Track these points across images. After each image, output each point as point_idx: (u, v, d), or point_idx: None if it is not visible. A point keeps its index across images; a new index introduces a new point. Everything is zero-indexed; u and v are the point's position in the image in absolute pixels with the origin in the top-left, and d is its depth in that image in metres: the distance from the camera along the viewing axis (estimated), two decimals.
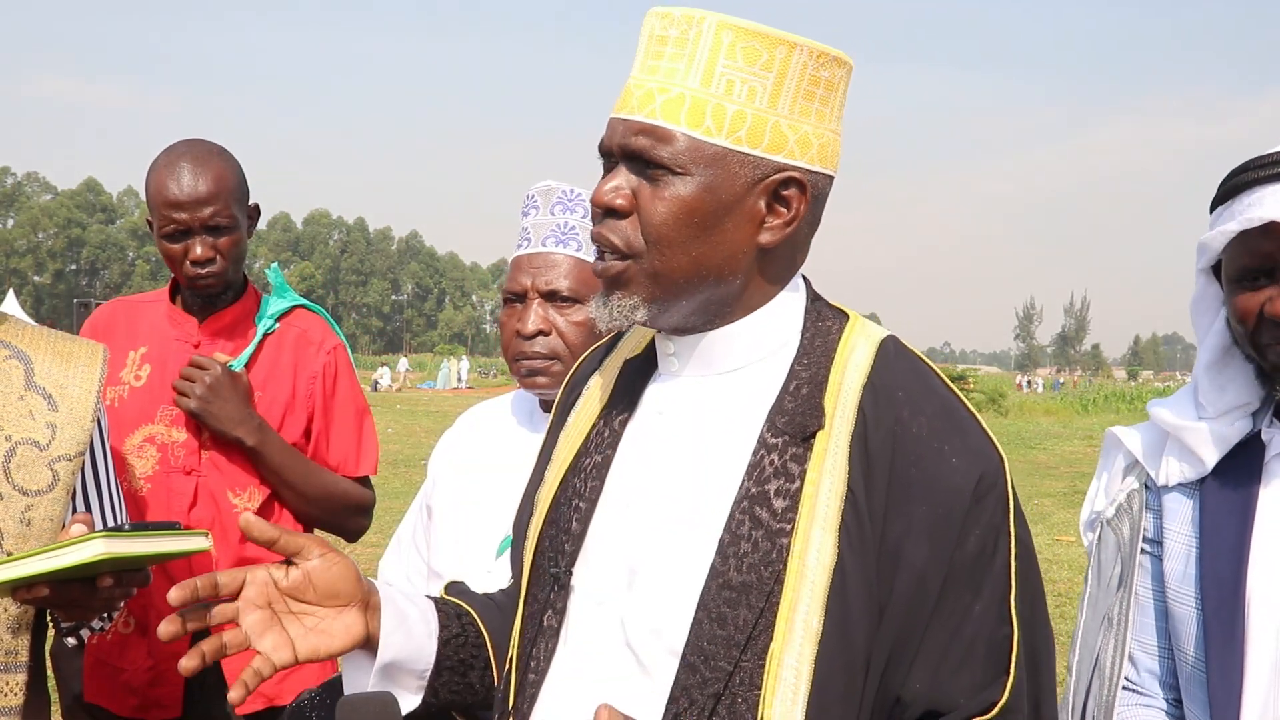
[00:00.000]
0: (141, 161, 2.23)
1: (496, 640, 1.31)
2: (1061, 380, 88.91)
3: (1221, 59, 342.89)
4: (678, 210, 1.10)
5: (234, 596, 1.16)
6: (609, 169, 1.15)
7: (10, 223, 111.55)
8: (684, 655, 1.07)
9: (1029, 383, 73.24)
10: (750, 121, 1.09)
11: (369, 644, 1.21)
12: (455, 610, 1.32)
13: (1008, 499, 1.10)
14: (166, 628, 1.10)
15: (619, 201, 1.12)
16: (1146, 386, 59.02)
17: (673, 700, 1.06)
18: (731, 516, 1.09)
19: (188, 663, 1.10)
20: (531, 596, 1.22)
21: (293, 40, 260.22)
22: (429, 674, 1.25)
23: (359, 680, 1.23)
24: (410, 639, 1.23)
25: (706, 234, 1.11)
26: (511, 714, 1.18)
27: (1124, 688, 1.55)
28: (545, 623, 1.18)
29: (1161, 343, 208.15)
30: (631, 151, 1.11)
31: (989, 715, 1.06)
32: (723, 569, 1.07)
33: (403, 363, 52.58)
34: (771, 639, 1.04)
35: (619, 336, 1.37)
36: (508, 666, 1.23)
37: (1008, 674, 1.06)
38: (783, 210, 1.13)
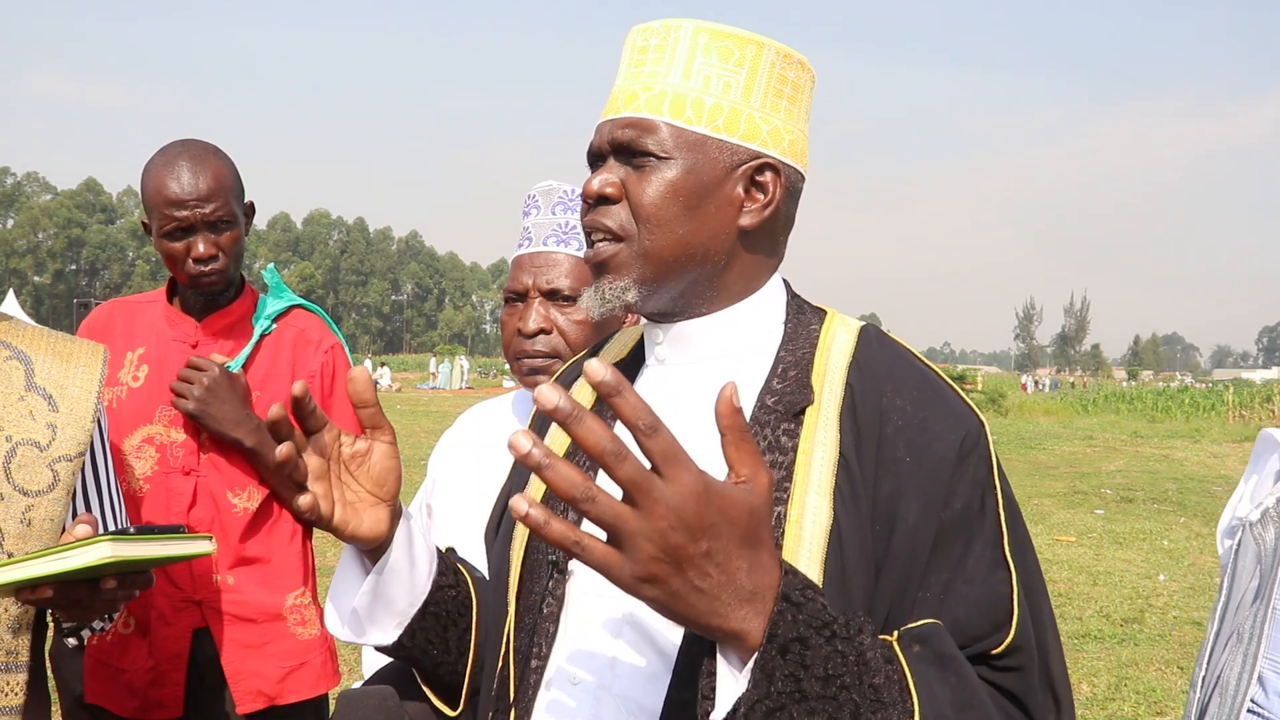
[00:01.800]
0: (141, 161, 2.23)
1: (482, 614, 1.32)
2: (1059, 380, 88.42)
3: (1223, 59, 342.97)
4: (664, 190, 1.17)
5: (310, 433, 1.17)
6: (597, 169, 1.23)
7: (10, 223, 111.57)
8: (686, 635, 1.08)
9: (1035, 383, 72.10)
10: (726, 112, 1.18)
11: (377, 552, 1.23)
12: (453, 567, 1.34)
13: (990, 457, 1.15)
14: (284, 450, 1.10)
15: (608, 189, 1.19)
16: (1147, 386, 58.94)
17: (678, 671, 1.08)
18: None
19: (285, 449, 1.10)
20: (526, 590, 1.23)
21: (293, 40, 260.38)
22: (414, 612, 1.27)
23: (350, 585, 1.25)
24: (412, 565, 1.25)
25: (691, 214, 1.17)
26: (514, 706, 1.18)
27: (1250, 710, 1.40)
28: (545, 610, 1.20)
29: (1161, 343, 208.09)
30: (619, 144, 1.19)
31: (999, 649, 1.08)
32: None
33: (433, 363, 49.64)
34: None
35: (602, 344, 1.41)
36: (501, 663, 1.23)
37: (1012, 614, 1.09)
38: (759, 195, 1.21)
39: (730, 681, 0.93)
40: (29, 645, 1.65)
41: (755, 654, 0.90)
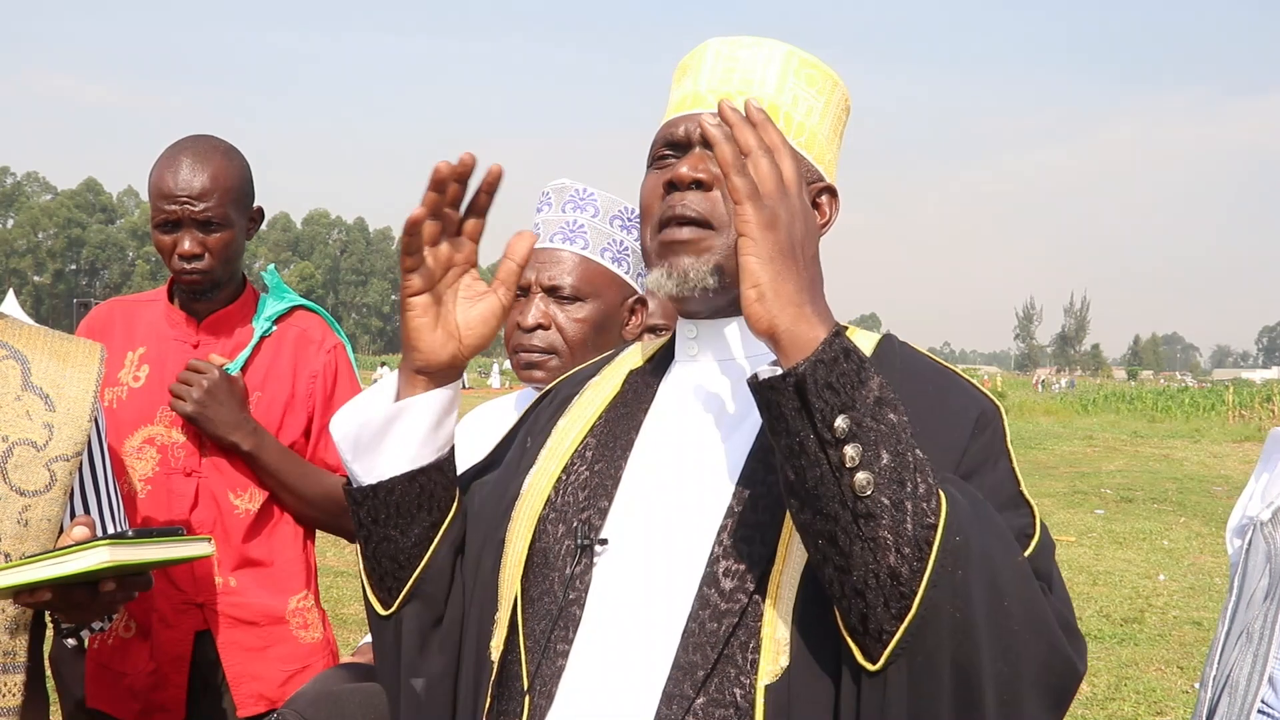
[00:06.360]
0: (141, 161, 2.26)
1: (451, 534, 1.28)
2: (1070, 380, 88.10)
3: (1223, 59, 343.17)
4: None
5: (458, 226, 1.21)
6: (675, 158, 1.24)
7: (10, 223, 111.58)
8: (700, 589, 1.12)
9: (1043, 383, 71.40)
10: (808, 132, 1.26)
11: (412, 382, 1.23)
12: (455, 474, 1.32)
13: (1004, 434, 1.19)
14: (418, 212, 1.16)
15: (702, 174, 1.20)
16: (1147, 386, 58.91)
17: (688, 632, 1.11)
18: (746, 465, 1.17)
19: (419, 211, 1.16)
20: (540, 577, 1.22)
21: (293, 40, 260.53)
22: (406, 470, 1.23)
23: (372, 404, 1.23)
24: (434, 430, 1.24)
25: None
26: (529, 694, 1.17)
27: (1260, 711, 1.40)
28: (571, 595, 1.18)
29: (1161, 342, 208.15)
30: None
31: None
32: (738, 510, 1.14)
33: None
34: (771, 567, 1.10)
35: (610, 357, 1.42)
36: (502, 650, 1.22)
37: (1032, 539, 1.12)
38: (815, 215, 1.22)
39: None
40: (27, 646, 1.65)
41: (823, 338, 0.98)
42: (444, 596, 1.27)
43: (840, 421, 0.95)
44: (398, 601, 1.26)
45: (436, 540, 1.26)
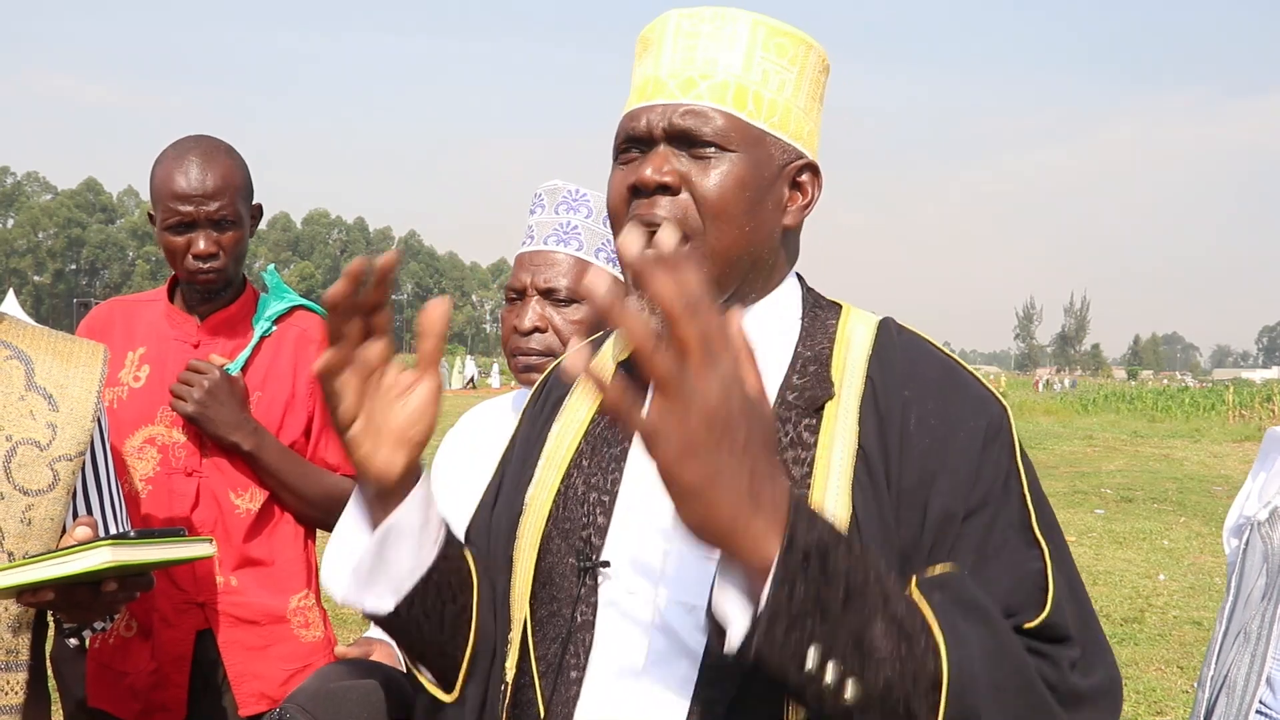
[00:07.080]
0: (141, 161, 2.26)
1: (482, 594, 1.22)
2: (1072, 380, 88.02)
3: (1223, 59, 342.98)
4: (732, 183, 1.14)
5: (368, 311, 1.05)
6: (639, 155, 1.17)
7: (10, 223, 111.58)
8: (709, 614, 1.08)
9: (1046, 383, 71.21)
10: (781, 109, 1.18)
11: (384, 502, 1.11)
12: (458, 539, 1.24)
13: (1013, 443, 1.14)
14: (336, 289, 1.01)
15: (668, 178, 1.13)
16: (1147, 386, 58.89)
17: (705, 668, 1.08)
18: None
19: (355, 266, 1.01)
20: (548, 596, 1.19)
21: (293, 40, 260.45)
22: (416, 580, 1.13)
23: (352, 539, 1.13)
24: (424, 528, 1.12)
25: (754, 210, 1.15)
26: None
27: (1258, 711, 1.40)
28: (579, 619, 1.15)
29: (1161, 342, 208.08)
30: (679, 131, 1.14)
31: (1034, 624, 1.05)
32: None
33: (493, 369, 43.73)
34: None
35: (604, 337, 1.37)
36: (512, 673, 1.18)
37: (1046, 591, 1.06)
38: (798, 195, 1.21)
39: (737, 611, 0.89)
40: (29, 644, 1.65)
41: (775, 561, 0.85)
42: (498, 661, 1.21)
43: (812, 654, 0.86)
44: (457, 687, 1.20)
45: (475, 619, 1.20)
